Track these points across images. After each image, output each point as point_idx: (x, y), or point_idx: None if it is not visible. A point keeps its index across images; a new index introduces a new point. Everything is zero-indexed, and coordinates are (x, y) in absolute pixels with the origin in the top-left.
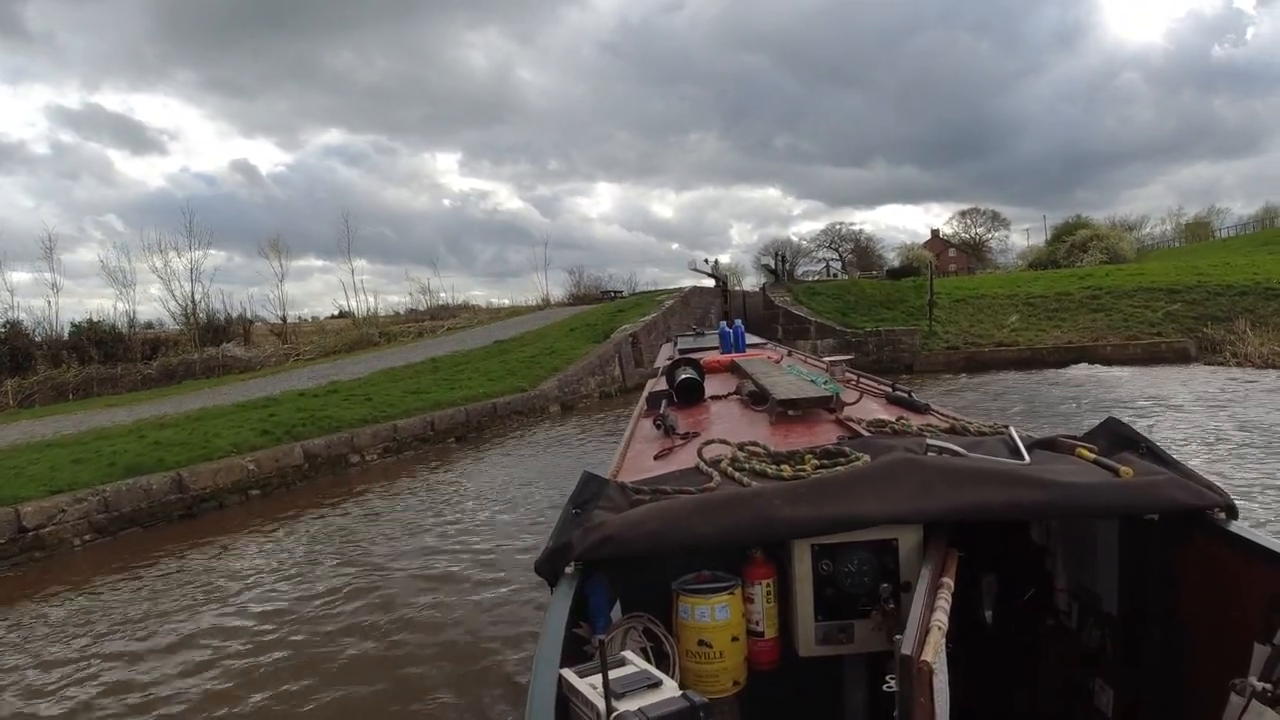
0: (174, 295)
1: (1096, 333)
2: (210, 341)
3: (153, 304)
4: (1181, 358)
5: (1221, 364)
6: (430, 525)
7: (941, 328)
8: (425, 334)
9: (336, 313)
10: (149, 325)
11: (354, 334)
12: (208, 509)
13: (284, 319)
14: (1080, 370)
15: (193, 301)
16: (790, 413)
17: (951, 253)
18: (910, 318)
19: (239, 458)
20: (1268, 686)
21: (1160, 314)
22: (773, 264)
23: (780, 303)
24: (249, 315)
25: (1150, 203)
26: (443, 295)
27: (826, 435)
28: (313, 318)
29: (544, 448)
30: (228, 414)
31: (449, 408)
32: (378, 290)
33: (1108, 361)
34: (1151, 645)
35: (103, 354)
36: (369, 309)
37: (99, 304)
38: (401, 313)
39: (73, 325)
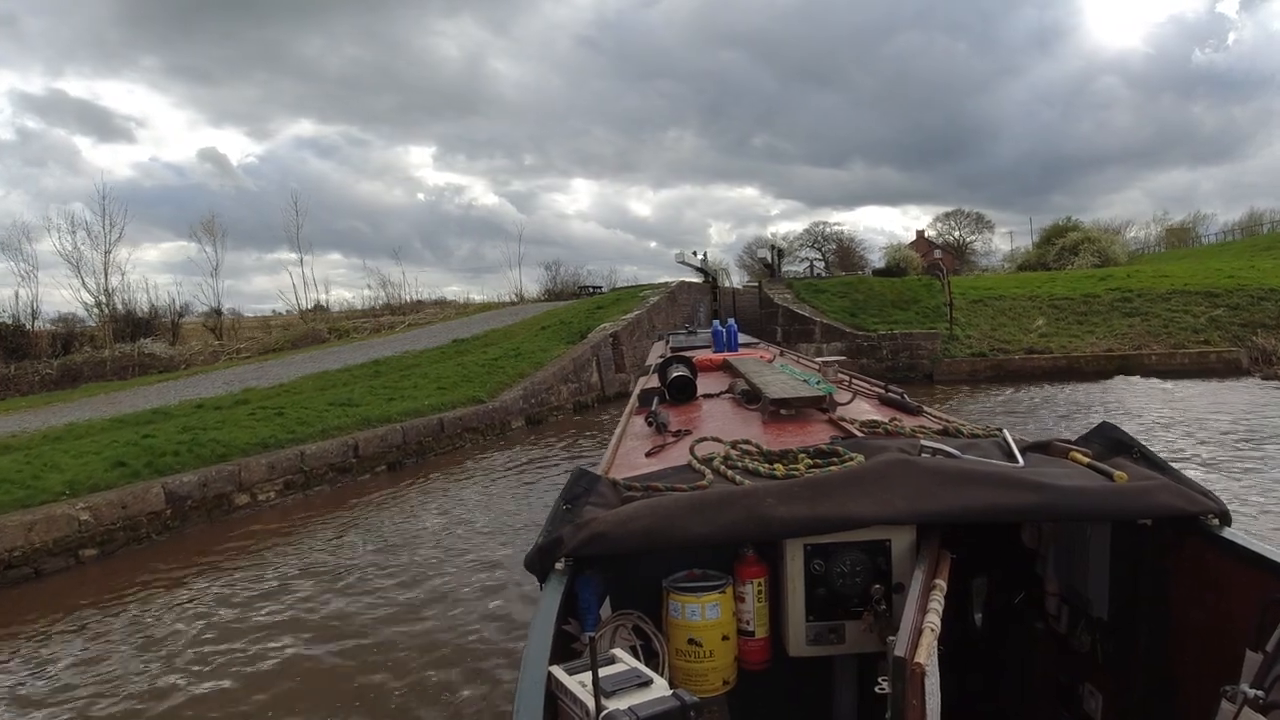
0: (84, 284)
1: (1136, 340)
2: (129, 337)
3: (62, 292)
4: (1232, 369)
5: None
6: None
7: (962, 331)
8: (383, 330)
9: (311, 307)
10: (118, 317)
11: (300, 329)
12: (17, 579)
13: (219, 312)
14: (1132, 384)
15: (107, 293)
16: (783, 412)
17: (937, 254)
18: (926, 319)
19: (69, 503)
20: (1260, 693)
21: (1203, 319)
22: (769, 257)
23: (780, 300)
24: (178, 308)
25: (1127, 208)
26: (418, 289)
27: (819, 435)
28: (286, 311)
29: (502, 480)
30: (97, 433)
31: (381, 425)
32: (352, 284)
33: (1153, 373)
34: (1142, 651)
35: (2, 350)
36: (320, 302)
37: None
38: (377, 307)
39: None
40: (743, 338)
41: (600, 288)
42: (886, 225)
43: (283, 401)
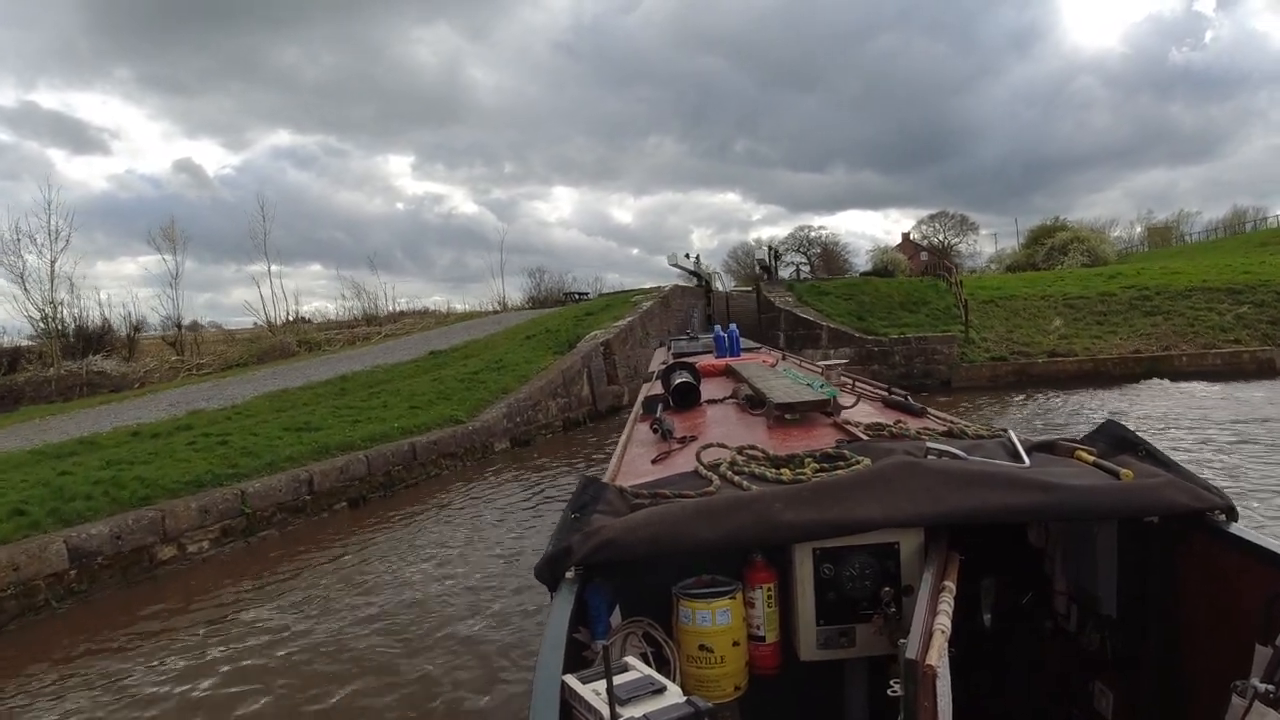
0: (29, 298)
1: (1163, 340)
2: (80, 354)
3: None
4: (1265, 370)
5: None
6: None
7: (978, 334)
8: (357, 341)
9: (291, 318)
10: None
11: (268, 342)
12: None
13: (179, 325)
14: (1170, 388)
15: (53, 305)
16: (787, 416)
17: (923, 256)
18: (938, 322)
19: None
20: (1270, 688)
21: (1230, 318)
22: (766, 258)
23: (781, 304)
24: (134, 321)
25: (1108, 208)
26: (399, 300)
27: (824, 439)
28: (267, 324)
29: (486, 517)
30: (10, 469)
31: (341, 454)
32: (333, 296)
33: (1184, 375)
34: (1151, 648)
35: None
36: (298, 313)
37: None
38: (356, 317)
39: None
40: (744, 342)
41: (587, 294)
42: (869, 229)
43: (230, 426)
